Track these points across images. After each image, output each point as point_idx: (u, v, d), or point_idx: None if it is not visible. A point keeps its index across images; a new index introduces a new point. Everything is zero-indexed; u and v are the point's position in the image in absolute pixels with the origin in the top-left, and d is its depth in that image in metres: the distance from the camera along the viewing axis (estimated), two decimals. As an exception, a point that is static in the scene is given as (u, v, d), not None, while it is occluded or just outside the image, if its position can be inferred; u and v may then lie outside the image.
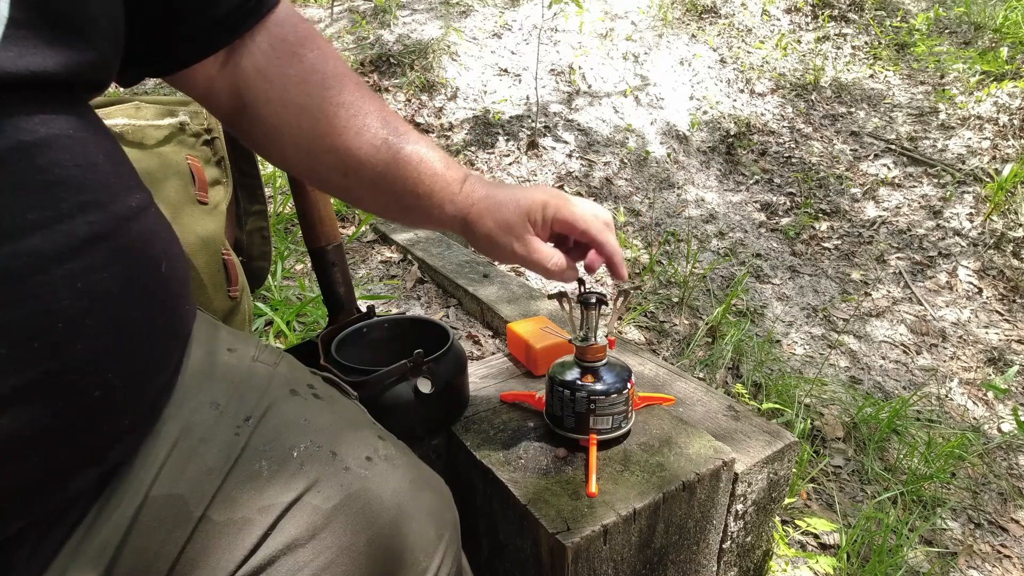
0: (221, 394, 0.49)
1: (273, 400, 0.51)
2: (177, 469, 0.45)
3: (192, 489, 0.44)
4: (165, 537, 0.43)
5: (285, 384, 0.54)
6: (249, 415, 0.49)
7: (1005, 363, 2.35)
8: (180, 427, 0.46)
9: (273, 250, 1.18)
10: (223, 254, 0.82)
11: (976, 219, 3.09)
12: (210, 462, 0.46)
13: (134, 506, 0.43)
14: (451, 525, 0.56)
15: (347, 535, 0.47)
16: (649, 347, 2.15)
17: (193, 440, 0.46)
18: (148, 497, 0.43)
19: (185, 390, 0.48)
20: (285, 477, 0.47)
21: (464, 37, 4.04)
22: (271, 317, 1.38)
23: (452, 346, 0.76)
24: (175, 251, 0.49)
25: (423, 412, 0.73)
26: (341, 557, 0.46)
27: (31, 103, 0.37)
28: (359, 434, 0.54)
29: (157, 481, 0.44)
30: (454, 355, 0.76)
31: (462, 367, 0.77)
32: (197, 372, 0.50)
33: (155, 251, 0.45)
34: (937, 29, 4.44)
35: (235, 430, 0.48)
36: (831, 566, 1.20)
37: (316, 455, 0.49)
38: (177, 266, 0.48)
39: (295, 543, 0.45)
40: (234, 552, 0.44)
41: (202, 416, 0.47)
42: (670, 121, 3.81)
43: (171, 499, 0.44)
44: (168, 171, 0.78)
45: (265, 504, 0.45)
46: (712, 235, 3.14)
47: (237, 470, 0.46)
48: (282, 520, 0.45)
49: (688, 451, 0.83)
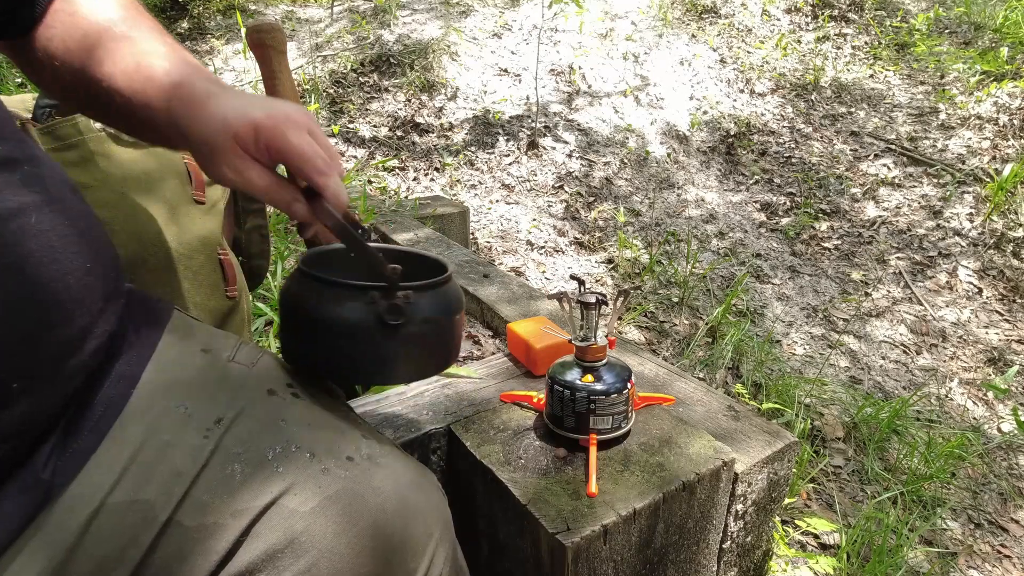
0: (190, 396, 0.48)
1: (248, 401, 0.50)
2: (142, 473, 0.44)
3: (158, 493, 0.43)
4: (127, 543, 0.42)
5: (262, 384, 0.53)
6: (220, 417, 0.48)
7: (1005, 363, 2.35)
8: (145, 430, 0.45)
9: (273, 250, 1.17)
10: (220, 253, 0.82)
11: (976, 219, 3.09)
12: (178, 466, 0.45)
13: (87, 512, 0.42)
14: (441, 523, 0.55)
15: (327, 538, 0.45)
16: (649, 347, 2.15)
17: (159, 443, 0.45)
18: (105, 503, 0.42)
19: (150, 392, 0.47)
20: (259, 480, 0.46)
21: (464, 37, 4.04)
22: (271, 317, 1.37)
23: (446, 281, 0.62)
24: (63, 210, 0.46)
25: (391, 348, 0.59)
26: (322, 561, 0.45)
27: None
28: (340, 434, 0.52)
29: (118, 486, 0.43)
30: (445, 292, 0.63)
31: (452, 309, 0.63)
32: (165, 374, 0.49)
33: (15, 205, 0.42)
34: (937, 29, 4.44)
35: (204, 433, 0.47)
36: (831, 566, 1.20)
37: (293, 457, 0.48)
38: (65, 225, 0.45)
39: (272, 549, 0.44)
40: (207, 557, 0.43)
41: (168, 419, 0.46)
42: (670, 121, 3.81)
43: (135, 504, 0.43)
44: (165, 171, 0.78)
45: (238, 508, 0.44)
46: (712, 235, 3.14)
47: (207, 474, 0.45)
48: (257, 524, 0.44)
49: (688, 451, 0.83)
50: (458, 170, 3.21)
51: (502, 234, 2.79)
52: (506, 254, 2.61)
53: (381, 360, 0.59)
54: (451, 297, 0.63)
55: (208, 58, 3.68)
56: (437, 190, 3.04)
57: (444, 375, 1.04)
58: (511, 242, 2.70)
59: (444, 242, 1.89)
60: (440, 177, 3.15)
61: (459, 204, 2.44)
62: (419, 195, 2.78)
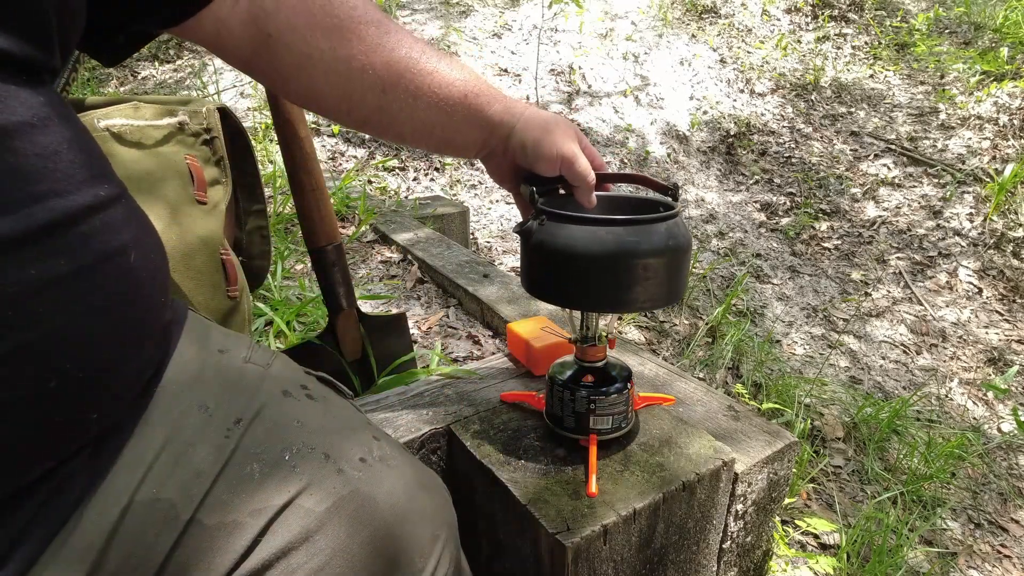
0: (211, 396, 0.49)
1: (264, 402, 0.51)
2: (164, 472, 0.44)
3: (180, 492, 0.44)
4: (152, 541, 0.43)
5: (277, 385, 0.53)
6: (240, 417, 0.48)
7: (1005, 363, 2.35)
8: (168, 430, 0.46)
9: (273, 250, 1.18)
10: (222, 254, 0.82)
11: (976, 219, 3.09)
12: (199, 465, 0.45)
13: (118, 509, 0.42)
14: (447, 525, 0.56)
15: (341, 537, 0.46)
16: (649, 347, 2.15)
17: (181, 443, 0.46)
18: (133, 501, 0.43)
19: (173, 392, 0.48)
20: (277, 480, 0.46)
21: (464, 37, 4.04)
22: (271, 317, 1.37)
23: (675, 215, 0.71)
24: (148, 242, 0.48)
25: (632, 276, 0.69)
26: (335, 560, 0.45)
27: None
28: (353, 435, 0.53)
29: (143, 485, 0.43)
30: (676, 224, 0.71)
31: (682, 243, 0.71)
32: (186, 374, 0.49)
33: (121, 241, 0.44)
34: (937, 29, 4.44)
35: (225, 432, 0.47)
36: (831, 566, 1.20)
37: (309, 457, 0.48)
38: (150, 258, 0.47)
39: (288, 546, 0.44)
40: (226, 555, 0.43)
41: (191, 419, 0.47)
42: (670, 121, 3.82)
43: (158, 503, 0.43)
44: (167, 171, 0.78)
45: (257, 507, 0.45)
46: (712, 235, 3.14)
47: (227, 473, 0.46)
48: (274, 523, 0.45)
49: (688, 451, 0.83)
50: (458, 170, 3.21)
51: (502, 234, 2.79)
52: (506, 254, 2.61)
53: (624, 287, 0.68)
54: (681, 229, 0.72)
55: (208, 58, 3.68)
56: (437, 190, 3.04)
57: (444, 375, 1.05)
58: (511, 242, 2.70)
59: (444, 242, 1.89)
60: (440, 177, 3.15)
61: (459, 204, 2.44)
62: (419, 195, 2.79)
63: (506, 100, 0.69)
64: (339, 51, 0.59)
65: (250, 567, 0.44)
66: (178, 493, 0.44)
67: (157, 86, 3.40)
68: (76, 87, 3.02)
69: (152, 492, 0.43)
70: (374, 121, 0.66)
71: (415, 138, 0.69)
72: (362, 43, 0.59)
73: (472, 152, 0.73)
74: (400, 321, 1.19)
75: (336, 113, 0.66)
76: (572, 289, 0.71)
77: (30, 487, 0.39)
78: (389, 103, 0.63)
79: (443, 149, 0.73)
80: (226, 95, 3.21)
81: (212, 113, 0.87)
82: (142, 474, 0.44)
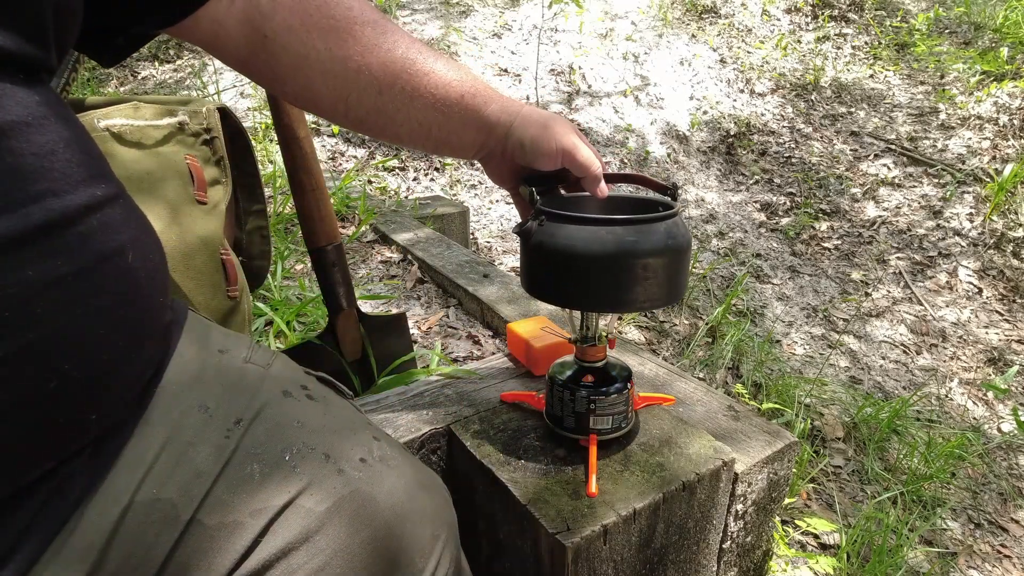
0: (211, 396, 0.49)
1: (265, 402, 0.51)
2: (165, 472, 0.44)
3: (180, 492, 0.44)
4: (153, 541, 0.43)
5: (277, 385, 0.53)
6: (240, 417, 0.48)
7: (1005, 363, 2.36)
8: (168, 430, 0.46)
9: (273, 250, 1.18)
10: (222, 254, 0.82)
11: (976, 219, 3.09)
12: (199, 465, 0.45)
13: (119, 509, 0.42)
14: (448, 526, 0.56)
15: (341, 538, 0.46)
16: (649, 347, 2.15)
17: (181, 443, 0.46)
18: (133, 501, 0.43)
19: (173, 392, 0.48)
20: (277, 480, 0.46)
21: (464, 37, 4.04)
22: (271, 317, 1.37)
23: (675, 215, 0.71)
24: (147, 242, 0.48)
25: (631, 275, 0.69)
26: (335, 560, 0.46)
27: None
28: (353, 435, 0.53)
29: (143, 485, 0.43)
30: (675, 224, 0.71)
31: (682, 242, 0.71)
32: (186, 374, 0.49)
33: (120, 241, 0.44)
34: (937, 29, 4.44)
35: (225, 433, 0.47)
36: (831, 566, 1.20)
37: (309, 457, 0.48)
38: (148, 258, 0.47)
39: (289, 546, 0.44)
40: (226, 555, 0.43)
41: (191, 419, 0.47)
42: (670, 121, 3.82)
43: (158, 503, 0.43)
44: (167, 171, 0.78)
45: (257, 507, 0.45)
46: (712, 235, 3.14)
47: (228, 473, 0.46)
48: (275, 523, 0.45)
49: (688, 451, 0.83)
50: (458, 170, 3.21)
51: (502, 234, 2.79)
52: (506, 254, 2.61)
53: (624, 287, 0.69)
54: (681, 229, 0.72)
55: (208, 58, 3.68)
56: (437, 190, 3.04)
57: (444, 375, 1.05)
58: (511, 242, 2.70)
59: (444, 242, 1.89)
60: (440, 177, 3.15)
61: (459, 204, 2.44)
62: (419, 195, 2.79)
63: (503, 100, 0.69)
64: (335, 52, 0.59)
65: (250, 567, 0.43)
66: (178, 493, 0.44)
67: (157, 86, 3.40)
68: (76, 87, 3.02)
69: (152, 492, 0.43)
70: (371, 122, 0.66)
71: (412, 139, 0.69)
72: (358, 44, 0.59)
73: (470, 153, 0.73)
74: (400, 321, 1.19)
75: (333, 114, 0.66)
76: (572, 289, 0.71)
77: (30, 487, 0.39)
78: (386, 104, 0.63)
79: (440, 150, 0.73)
80: (226, 95, 3.21)
81: (212, 113, 0.87)
82: (142, 474, 0.44)
